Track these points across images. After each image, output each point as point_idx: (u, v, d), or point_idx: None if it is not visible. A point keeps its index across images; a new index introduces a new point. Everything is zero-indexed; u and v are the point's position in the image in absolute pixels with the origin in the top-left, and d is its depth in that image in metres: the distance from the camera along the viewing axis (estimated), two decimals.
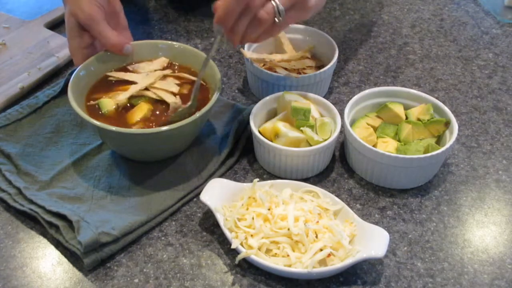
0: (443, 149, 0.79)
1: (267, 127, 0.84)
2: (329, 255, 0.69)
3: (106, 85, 0.87)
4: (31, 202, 0.76)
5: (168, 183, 0.81)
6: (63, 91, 0.94)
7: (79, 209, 0.76)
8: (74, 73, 0.83)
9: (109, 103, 0.83)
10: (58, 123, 0.90)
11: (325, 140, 0.82)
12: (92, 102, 0.83)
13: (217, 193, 0.75)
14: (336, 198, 0.76)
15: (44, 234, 0.75)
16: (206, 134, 0.88)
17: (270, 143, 0.81)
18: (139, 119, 0.81)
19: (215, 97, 0.80)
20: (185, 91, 0.86)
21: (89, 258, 0.70)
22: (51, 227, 0.74)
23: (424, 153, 0.81)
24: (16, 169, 0.82)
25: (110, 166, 0.83)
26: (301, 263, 0.68)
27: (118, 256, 0.73)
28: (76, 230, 0.72)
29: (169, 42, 0.92)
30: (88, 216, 0.74)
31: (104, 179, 0.81)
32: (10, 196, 0.78)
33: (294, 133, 0.82)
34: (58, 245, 0.74)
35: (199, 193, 0.77)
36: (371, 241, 0.70)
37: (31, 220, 0.77)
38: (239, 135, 0.87)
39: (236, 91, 0.99)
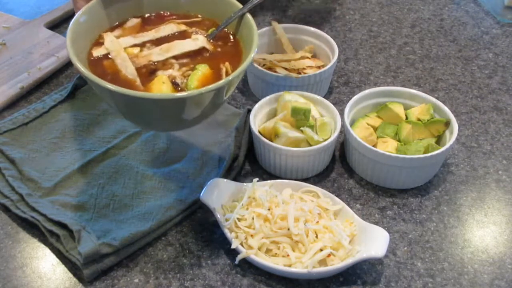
0: (443, 149, 0.79)
1: (267, 127, 0.84)
2: (329, 255, 0.69)
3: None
4: (33, 209, 0.76)
5: (171, 194, 0.80)
6: (70, 95, 0.94)
7: (81, 218, 0.75)
8: (73, 19, 0.68)
9: None
10: (64, 128, 0.89)
11: (325, 140, 0.82)
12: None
13: (217, 193, 0.75)
14: (336, 198, 0.76)
15: (44, 235, 0.75)
16: (207, 143, 0.87)
17: (270, 143, 0.81)
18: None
19: (250, 57, 0.66)
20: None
21: (89, 269, 0.70)
22: (52, 235, 0.74)
23: (424, 153, 0.81)
24: (20, 175, 0.81)
25: (115, 174, 0.82)
26: (301, 263, 0.68)
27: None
28: (76, 240, 0.71)
29: None
30: (89, 225, 0.74)
31: (108, 187, 0.80)
32: (12, 202, 0.78)
33: (294, 133, 0.82)
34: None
35: (202, 205, 0.77)
36: (371, 241, 0.70)
37: (32, 227, 0.76)
38: (240, 141, 0.86)
39: (236, 91, 0.99)
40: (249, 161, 0.87)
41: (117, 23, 0.74)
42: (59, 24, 1.14)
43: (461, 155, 0.88)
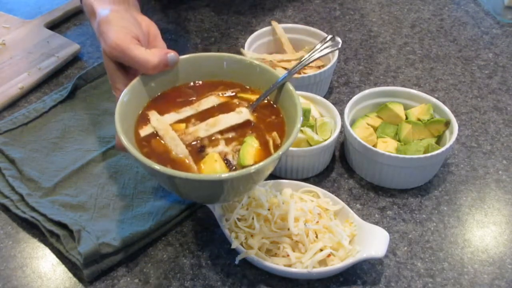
0: (443, 149, 0.79)
1: None
2: (329, 255, 0.69)
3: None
4: (33, 209, 0.76)
5: (171, 194, 0.79)
6: (70, 95, 0.94)
7: (81, 218, 0.75)
8: (119, 100, 0.67)
9: None
10: (64, 128, 0.89)
11: (325, 140, 0.82)
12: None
13: None
14: (336, 198, 0.76)
15: (44, 235, 0.75)
16: None
17: None
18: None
19: (296, 130, 0.64)
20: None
21: (89, 269, 0.70)
22: (52, 235, 0.74)
23: (424, 153, 0.81)
24: (20, 175, 0.81)
25: (115, 174, 0.82)
26: (301, 263, 0.68)
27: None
28: (76, 240, 0.71)
29: (235, 56, 0.75)
30: (89, 225, 0.74)
31: (108, 187, 0.80)
32: (12, 202, 0.78)
33: None
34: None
35: (202, 205, 0.77)
36: (371, 241, 0.70)
37: (32, 227, 0.76)
38: None
39: None
40: None
41: (158, 94, 0.72)
42: (59, 24, 1.14)
43: (461, 155, 0.88)
